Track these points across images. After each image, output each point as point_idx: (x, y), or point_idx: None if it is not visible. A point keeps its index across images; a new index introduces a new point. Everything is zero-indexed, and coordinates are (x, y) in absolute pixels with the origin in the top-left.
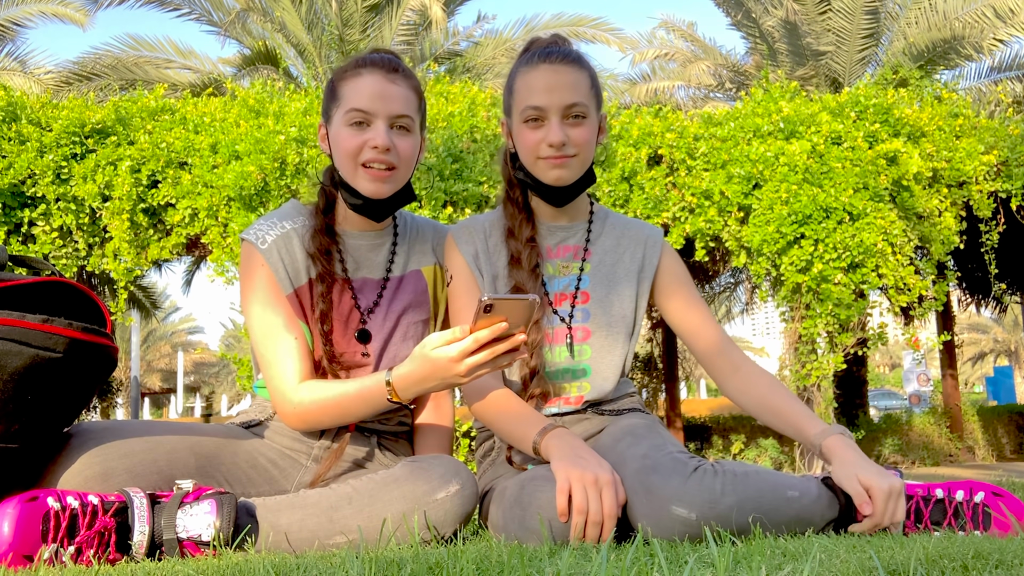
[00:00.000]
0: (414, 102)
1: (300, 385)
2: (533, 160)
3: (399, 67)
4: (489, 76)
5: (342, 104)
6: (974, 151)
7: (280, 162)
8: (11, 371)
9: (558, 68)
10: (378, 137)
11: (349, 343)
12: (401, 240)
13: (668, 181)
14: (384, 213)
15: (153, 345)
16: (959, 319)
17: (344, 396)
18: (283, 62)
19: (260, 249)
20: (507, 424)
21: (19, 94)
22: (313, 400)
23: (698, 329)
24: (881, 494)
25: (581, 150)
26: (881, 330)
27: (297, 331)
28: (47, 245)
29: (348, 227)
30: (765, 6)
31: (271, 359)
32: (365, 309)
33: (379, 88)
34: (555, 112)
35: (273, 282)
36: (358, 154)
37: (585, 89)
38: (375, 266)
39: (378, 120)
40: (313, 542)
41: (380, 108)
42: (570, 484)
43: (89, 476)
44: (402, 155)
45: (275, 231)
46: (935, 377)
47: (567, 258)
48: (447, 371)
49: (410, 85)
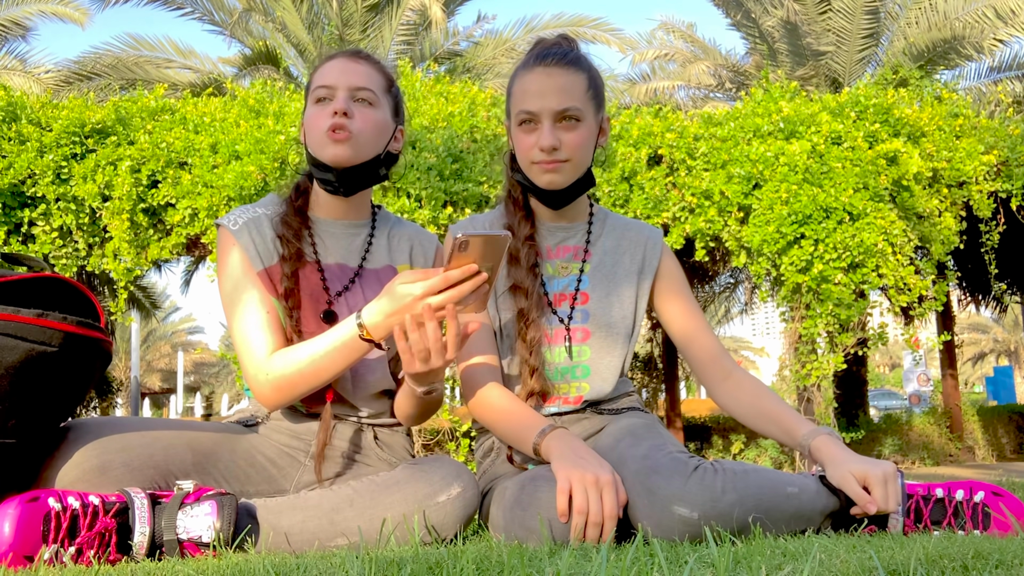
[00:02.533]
0: (378, 81)
1: (271, 356)
2: (528, 164)
3: (365, 55)
4: (489, 76)
5: (312, 89)
6: (974, 151)
7: (280, 162)
8: (6, 366)
9: (552, 71)
10: (338, 103)
11: (316, 323)
12: (379, 234)
13: (668, 181)
14: (351, 186)
15: (153, 345)
16: (959, 319)
17: (316, 352)
18: (283, 62)
19: (231, 231)
20: (506, 424)
21: (19, 94)
22: (286, 364)
23: (693, 335)
24: (877, 481)
25: (574, 155)
26: (881, 330)
27: (268, 306)
28: (47, 245)
29: (322, 214)
30: (765, 6)
31: (242, 335)
32: (334, 292)
33: (342, 67)
34: (547, 116)
35: (245, 260)
36: (321, 124)
37: (580, 92)
38: (348, 254)
39: (339, 91)
40: (314, 543)
41: (341, 81)
42: (570, 485)
43: (87, 469)
44: (360, 123)
45: (247, 215)
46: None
47: (567, 258)
48: (412, 307)
49: (374, 67)
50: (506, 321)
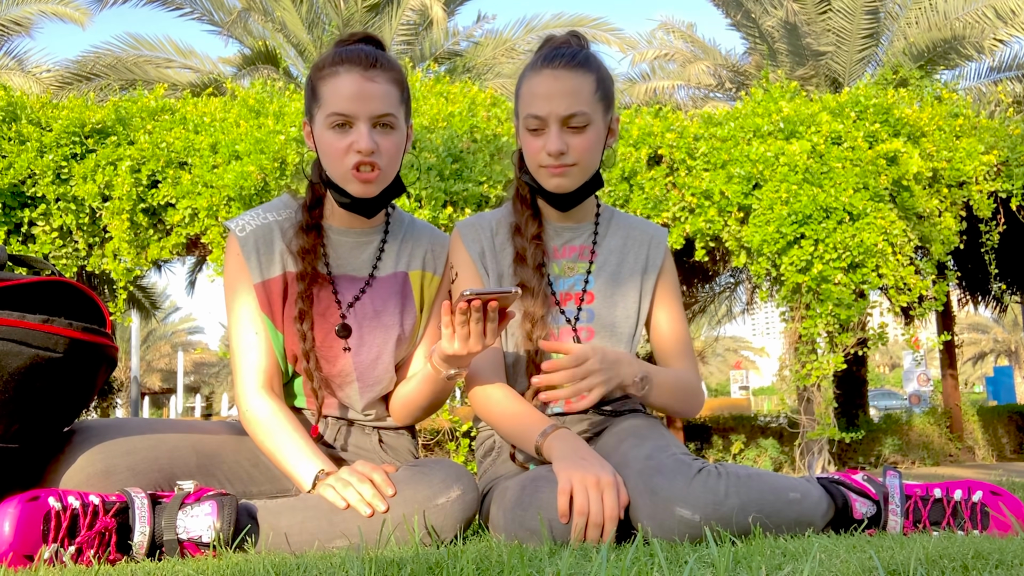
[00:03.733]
0: (395, 96)
1: (259, 393)
2: (535, 167)
3: (377, 60)
4: (489, 76)
5: (323, 106)
6: (974, 151)
7: (280, 162)
8: (11, 371)
9: (559, 74)
10: (361, 140)
11: (327, 337)
12: (392, 240)
13: (668, 181)
14: (374, 210)
15: (153, 345)
16: (959, 319)
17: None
18: (283, 62)
19: (237, 237)
20: (510, 424)
21: (19, 94)
22: (258, 423)
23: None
24: None
25: (582, 158)
26: (881, 330)
27: (258, 326)
28: (47, 245)
29: (335, 223)
30: (765, 6)
31: (236, 356)
32: (346, 304)
33: (357, 88)
34: (554, 121)
35: (245, 271)
36: (344, 157)
37: (588, 95)
38: (360, 264)
39: (359, 122)
40: (313, 544)
41: (360, 110)
42: (572, 485)
43: (91, 473)
44: (386, 154)
45: (257, 221)
46: (935, 377)
47: (572, 258)
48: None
49: (390, 78)
50: (512, 320)
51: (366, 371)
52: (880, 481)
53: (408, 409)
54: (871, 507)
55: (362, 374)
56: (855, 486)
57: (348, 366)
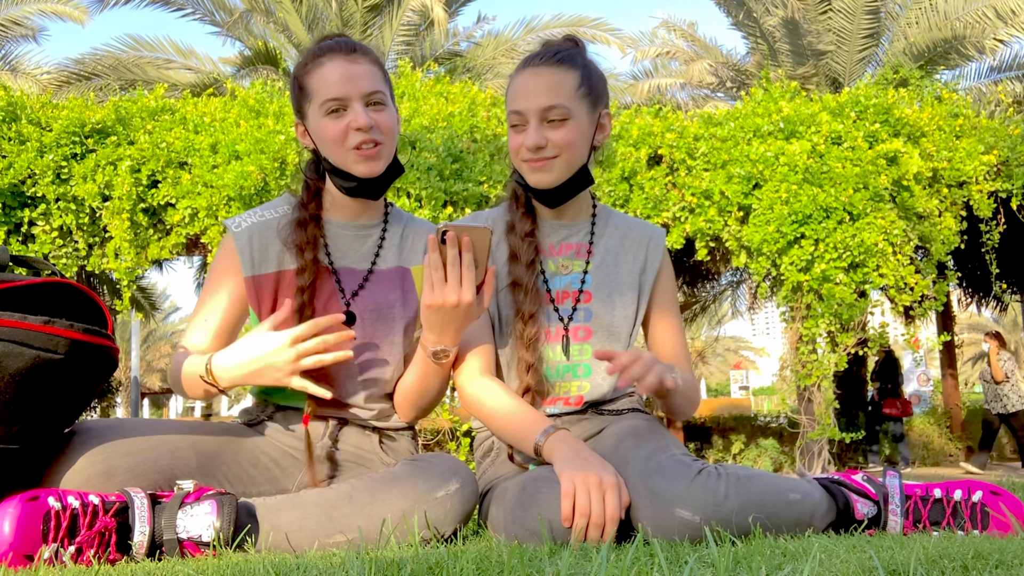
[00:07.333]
0: (380, 76)
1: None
2: (519, 162)
3: (356, 47)
4: (489, 76)
5: (314, 98)
6: (974, 151)
7: (280, 162)
8: (12, 372)
9: (539, 71)
10: (359, 118)
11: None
12: (391, 232)
13: (668, 181)
14: (380, 191)
15: (153, 345)
16: (959, 319)
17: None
18: (283, 62)
19: (233, 232)
20: (507, 423)
21: (19, 94)
22: (176, 368)
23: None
24: None
25: (563, 151)
26: (882, 330)
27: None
28: (47, 245)
29: (335, 216)
30: (766, 6)
31: (192, 323)
32: (350, 292)
33: (344, 71)
34: (533, 115)
35: (235, 264)
36: (344, 139)
37: (569, 90)
38: (360, 255)
39: (353, 102)
40: (313, 541)
41: (351, 90)
42: (575, 487)
43: (91, 475)
44: (384, 129)
45: (254, 218)
46: (935, 377)
47: (568, 256)
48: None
49: (371, 60)
50: (505, 317)
51: (367, 364)
52: (880, 481)
53: (404, 397)
54: (871, 507)
55: (363, 367)
56: (855, 486)
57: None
